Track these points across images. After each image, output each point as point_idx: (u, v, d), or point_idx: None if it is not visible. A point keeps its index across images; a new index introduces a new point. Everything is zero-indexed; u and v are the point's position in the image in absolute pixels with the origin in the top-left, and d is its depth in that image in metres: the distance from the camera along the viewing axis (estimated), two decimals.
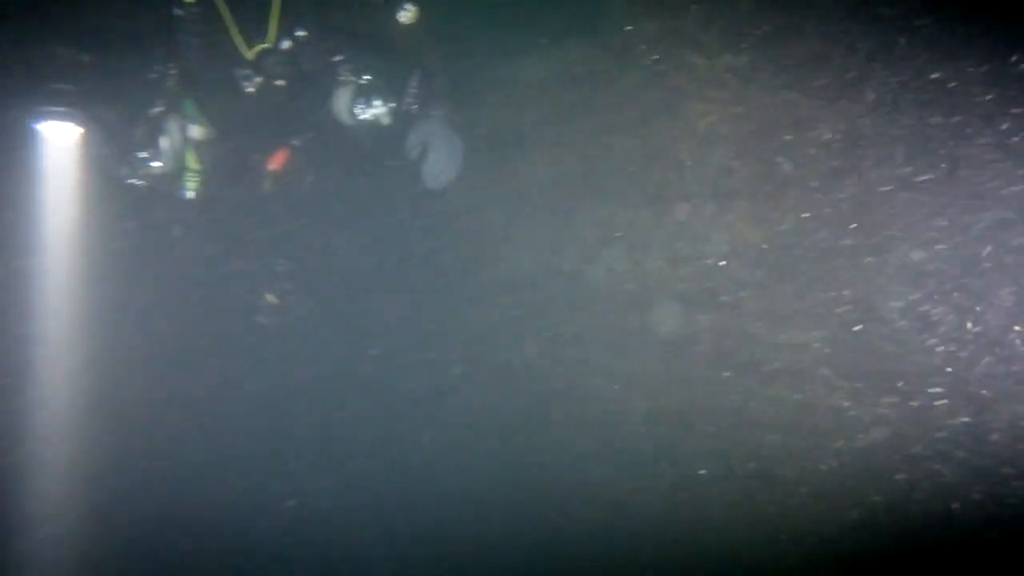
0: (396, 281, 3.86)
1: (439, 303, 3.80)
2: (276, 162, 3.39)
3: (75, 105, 2.82)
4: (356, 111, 3.25)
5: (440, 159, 3.07)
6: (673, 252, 3.53)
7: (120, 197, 3.11)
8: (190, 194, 3.28)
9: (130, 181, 3.08)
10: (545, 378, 3.70)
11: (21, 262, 3.15)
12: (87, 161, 2.91)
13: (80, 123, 2.85)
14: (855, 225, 3.32)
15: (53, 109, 2.79)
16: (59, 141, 2.80)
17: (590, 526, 3.42)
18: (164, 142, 3.14)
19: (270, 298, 3.66)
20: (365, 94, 3.24)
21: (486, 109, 3.52)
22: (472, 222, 3.71)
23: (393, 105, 3.25)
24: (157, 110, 3.11)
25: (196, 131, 3.22)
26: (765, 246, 3.43)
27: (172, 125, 3.16)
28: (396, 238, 3.83)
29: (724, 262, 3.50)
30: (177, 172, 3.27)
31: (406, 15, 3.16)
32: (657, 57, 3.43)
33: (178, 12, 2.92)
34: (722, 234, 3.49)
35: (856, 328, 3.23)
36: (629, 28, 3.42)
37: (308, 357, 3.76)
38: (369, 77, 3.27)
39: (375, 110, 3.25)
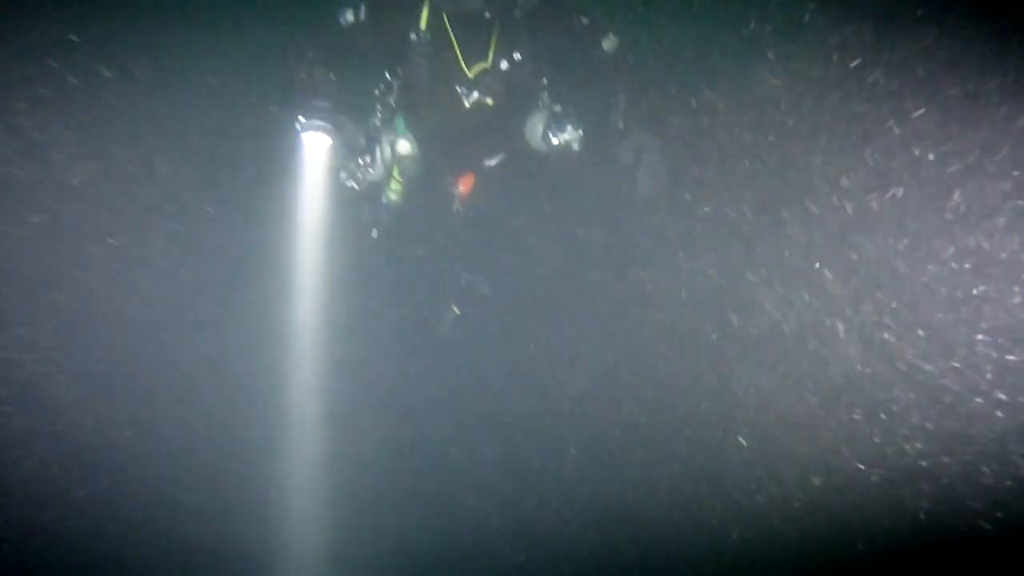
0: (570, 297, 4.01)
1: (614, 320, 3.90)
2: (469, 181, 3.70)
3: (328, 119, 3.17)
4: (549, 136, 3.46)
5: (653, 164, 3.28)
6: (850, 287, 3.48)
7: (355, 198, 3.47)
8: (390, 203, 3.63)
9: (348, 184, 3.43)
10: (699, 402, 3.69)
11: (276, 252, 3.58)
12: (333, 166, 3.31)
13: (331, 135, 3.21)
14: None
15: (313, 122, 3.16)
16: (316, 149, 3.20)
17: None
18: (377, 153, 3.50)
19: (455, 310, 3.93)
20: (559, 121, 3.45)
21: (674, 132, 3.69)
22: (651, 243, 3.82)
23: (581, 133, 3.48)
24: (376, 123, 3.50)
25: (403, 146, 3.52)
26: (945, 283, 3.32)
27: (384, 138, 3.51)
28: (574, 255, 4.00)
29: (897, 301, 3.41)
30: (384, 181, 3.63)
31: (609, 43, 3.43)
32: (849, 93, 3.48)
33: (413, 37, 3.30)
34: (899, 271, 3.41)
35: None
36: (820, 63, 3.50)
37: (485, 368, 3.97)
38: (562, 106, 3.53)
39: (567, 135, 3.46)
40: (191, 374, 3.83)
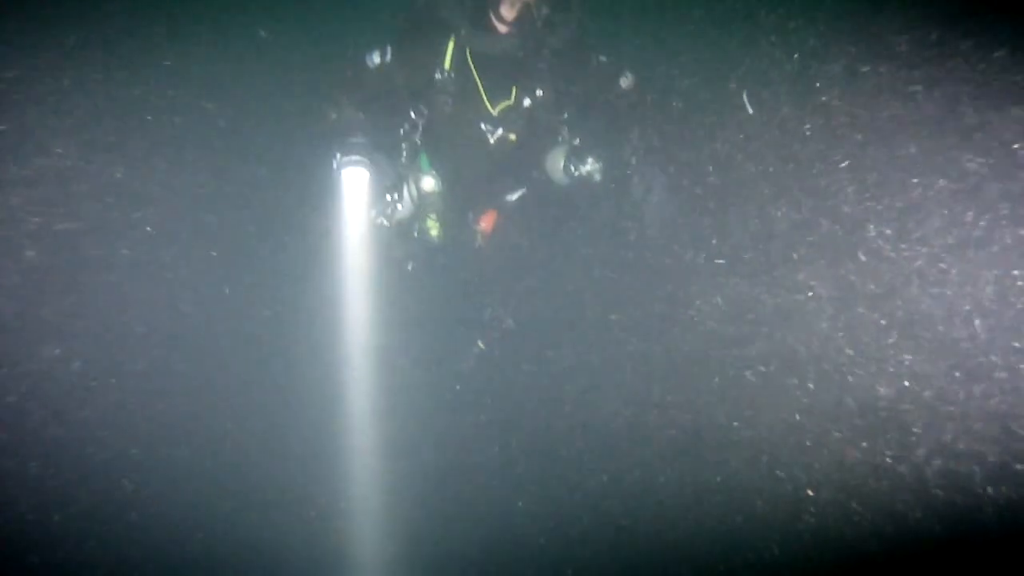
0: (588, 328, 4.07)
1: (632, 356, 3.94)
2: (492, 216, 3.81)
3: (364, 153, 3.32)
4: (571, 169, 3.56)
5: (661, 199, 3.37)
6: (879, 316, 3.45)
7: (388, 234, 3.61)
8: (422, 237, 3.72)
9: (379, 221, 3.54)
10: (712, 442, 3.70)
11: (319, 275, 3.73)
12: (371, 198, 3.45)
13: (367, 168, 3.35)
14: None
15: (350, 157, 3.30)
16: (354, 184, 3.35)
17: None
18: (404, 190, 3.62)
19: (480, 345, 4.00)
20: (578, 154, 3.55)
21: (691, 164, 3.77)
22: (670, 273, 3.87)
23: (601, 165, 3.57)
24: (402, 160, 3.62)
25: (427, 182, 3.61)
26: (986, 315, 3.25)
27: (410, 175, 3.61)
28: (591, 286, 4.07)
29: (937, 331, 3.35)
30: (413, 217, 3.75)
31: (626, 81, 3.55)
32: (866, 127, 3.52)
33: (438, 76, 3.43)
34: (936, 298, 3.28)
35: None
36: (834, 100, 3.57)
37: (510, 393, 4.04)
38: (580, 139, 3.63)
39: (588, 167, 3.55)
40: (239, 399, 4.00)
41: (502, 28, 3.36)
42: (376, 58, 3.44)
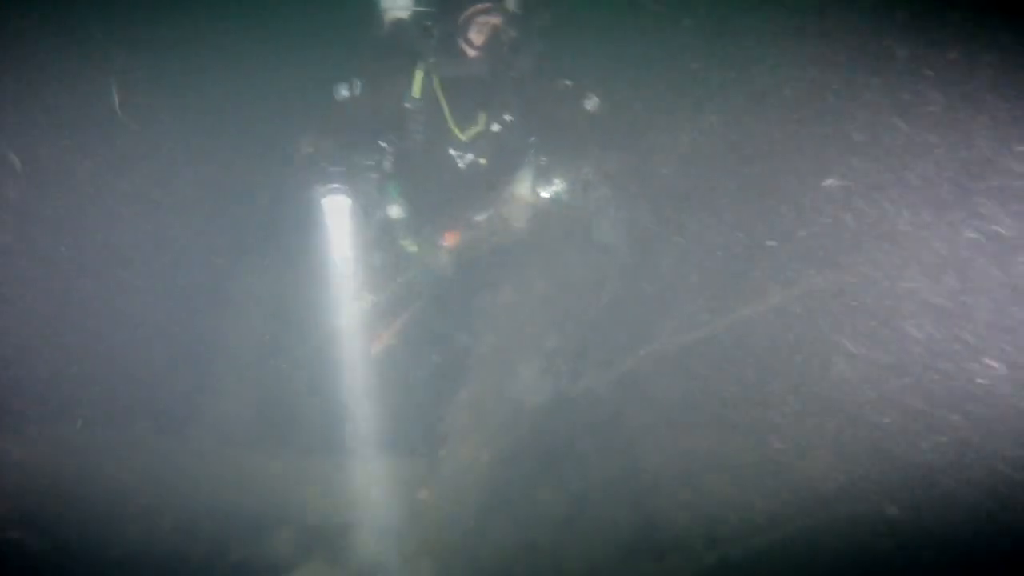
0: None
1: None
2: (456, 236, 3.80)
3: (343, 181, 3.30)
4: (538, 189, 3.63)
5: (614, 216, 3.49)
6: (855, 325, 3.39)
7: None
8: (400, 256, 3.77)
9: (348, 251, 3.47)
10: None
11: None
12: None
13: (348, 195, 3.34)
14: None
15: (330, 186, 3.29)
16: (336, 208, 3.37)
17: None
18: (373, 219, 3.57)
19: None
20: (545, 175, 3.63)
21: (654, 177, 3.84)
22: (638, 285, 3.96)
23: (568, 184, 3.61)
24: (372, 189, 3.55)
25: (394, 211, 3.64)
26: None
27: (378, 203, 3.58)
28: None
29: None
30: (376, 244, 3.69)
31: (591, 103, 3.57)
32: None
33: (407, 105, 3.40)
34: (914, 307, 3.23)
35: None
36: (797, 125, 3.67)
37: None
38: (547, 159, 3.66)
39: (554, 188, 3.63)
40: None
41: (471, 52, 3.35)
42: (344, 90, 3.39)
